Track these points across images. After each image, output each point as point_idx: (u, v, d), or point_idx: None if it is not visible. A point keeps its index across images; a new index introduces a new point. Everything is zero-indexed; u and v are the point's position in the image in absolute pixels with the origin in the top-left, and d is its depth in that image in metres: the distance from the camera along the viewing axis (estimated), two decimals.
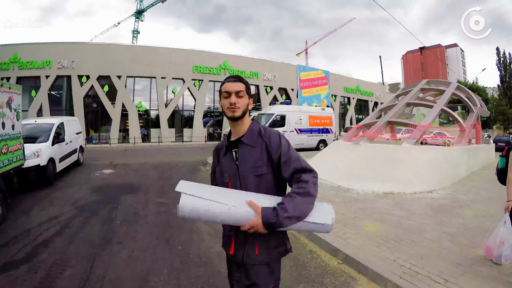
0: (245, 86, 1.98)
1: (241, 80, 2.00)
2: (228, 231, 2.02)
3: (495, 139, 25.83)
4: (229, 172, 1.98)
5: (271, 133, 1.99)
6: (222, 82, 2.00)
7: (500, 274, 3.76)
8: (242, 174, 1.93)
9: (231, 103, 1.90)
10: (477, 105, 13.50)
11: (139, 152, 19.87)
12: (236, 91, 1.92)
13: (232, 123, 2.00)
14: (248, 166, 1.92)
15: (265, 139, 1.96)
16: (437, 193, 8.13)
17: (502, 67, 55.74)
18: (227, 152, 2.03)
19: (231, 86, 1.94)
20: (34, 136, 9.57)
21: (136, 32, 52.89)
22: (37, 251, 4.60)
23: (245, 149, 1.95)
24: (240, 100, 1.93)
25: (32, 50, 26.06)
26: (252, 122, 2.07)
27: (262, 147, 1.94)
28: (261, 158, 1.93)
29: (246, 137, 1.97)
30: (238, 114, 1.92)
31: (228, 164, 2.00)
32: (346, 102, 44.24)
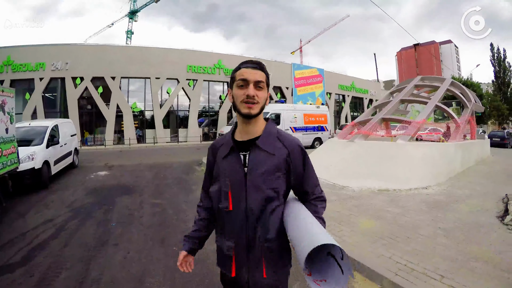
0: (265, 76, 1.63)
1: (262, 67, 1.63)
2: (226, 250, 1.68)
3: (490, 135, 25.91)
4: (232, 179, 1.64)
5: (293, 141, 1.69)
6: (237, 67, 1.64)
7: (496, 269, 3.78)
8: (252, 184, 1.59)
9: (249, 95, 1.55)
10: (472, 100, 13.58)
11: (134, 153, 19.82)
12: (256, 80, 1.57)
13: (244, 121, 1.64)
14: (261, 176, 1.59)
15: (287, 147, 1.65)
16: (432, 189, 8.16)
17: (496, 63, 55.99)
18: (231, 153, 1.67)
19: (250, 73, 1.57)
20: (29, 139, 9.54)
21: (130, 32, 52.68)
22: (33, 254, 4.59)
23: (260, 155, 1.61)
24: (260, 93, 1.58)
25: (25, 52, 25.90)
26: (268, 122, 1.73)
27: (283, 155, 1.63)
28: (279, 168, 1.62)
29: (263, 140, 1.63)
30: (256, 111, 1.57)
31: (231, 169, 1.65)
32: (341, 100, 44.26)
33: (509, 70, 55.33)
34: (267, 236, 1.60)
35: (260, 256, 1.61)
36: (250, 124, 1.64)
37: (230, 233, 1.66)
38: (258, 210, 1.60)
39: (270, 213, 1.61)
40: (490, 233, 5.04)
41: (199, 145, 26.95)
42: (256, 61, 1.63)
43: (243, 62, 1.63)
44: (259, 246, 1.61)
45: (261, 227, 1.60)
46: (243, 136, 1.67)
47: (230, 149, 1.67)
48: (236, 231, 1.64)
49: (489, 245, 4.53)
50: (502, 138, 25.13)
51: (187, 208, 7.02)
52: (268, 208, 1.60)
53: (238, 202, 1.62)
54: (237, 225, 1.63)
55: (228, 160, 1.67)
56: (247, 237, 1.62)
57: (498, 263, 3.94)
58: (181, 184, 9.58)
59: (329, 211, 6.14)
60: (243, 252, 1.63)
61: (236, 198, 1.63)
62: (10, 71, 25.60)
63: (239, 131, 1.70)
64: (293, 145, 1.67)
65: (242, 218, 1.62)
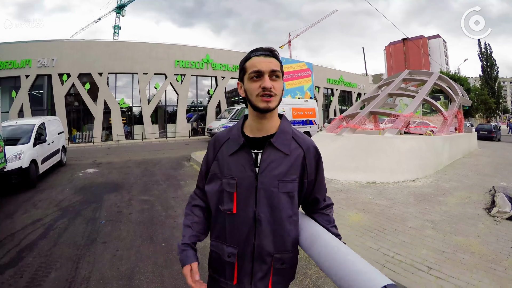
0: (280, 64, 1.45)
1: (275, 55, 1.45)
2: (227, 256, 1.50)
3: (477, 128, 26.25)
4: (240, 180, 1.47)
5: (309, 142, 1.55)
6: (247, 56, 1.47)
7: (482, 260, 3.86)
8: (264, 187, 1.44)
9: (266, 87, 1.37)
10: (459, 94, 13.72)
11: (122, 150, 19.69)
12: (271, 70, 1.39)
13: (258, 116, 1.46)
14: (274, 178, 1.44)
15: (302, 147, 1.51)
16: (420, 181, 8.25)
17: (483, 58, 56.87)
18: (241, 151, 1.49)
19: (263, 62, 1.40)
20: (15, 138, 9.44)
21: (117, 27, 52.24)
22: (22, 255, 4.55)
23: (274, 155, 1.45)
24: (276, 83, 1.41)
25: (10, 49, 25.45)
26: (283, 119, 1.57)
27: (299, 157, 1.49)
28: (294, 170, 1.47)
29: (278, 139, 1.47)
30: (275, 104, 1.41)
31: (239, 168, 1.48)
32: (330, 94, 44.36)
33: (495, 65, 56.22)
34: (282, 247, 1.47)
35: (268, 267, 1.46)
36: (265, 120, 1.47)
37: (233, 239, 1.49)
38: (271, 217, 1.44)
39: (285, 221, 1.46)
40: (477, 225, 5.12)
41: (188, 140, 26.86)
42: (268, 48, 1.45)
43: (253, 50, 1.46)
44: (269, 257, 1.46)
45: (275, 236, 1.46)
46: (255, 132, 1.51)
47: (240, 146, 1.48)
48: (241, 238, 1.47)
49: (476, 237, 4.61)
50: (489, 131, 25.49)
51: (176, 204, 7.02)
52: (282, 216, 1.45)
53: (244, 205, 1.46)
54: (243, 231, 1.46)
55: (237, 157, 1.49)
56: (254, 245, 1.45)
57: (485, 254, 4.01)
58: (169, 180, 9.55)
59: None
60: (248, 261, 1.47)
61: (242, 201, 1.46)
62: None
63: (250, 126, 1.53)
64: (308, 145, 1.53)
65: (249, 224, 1.45)
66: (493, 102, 50.99)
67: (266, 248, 1.45)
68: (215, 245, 1.58)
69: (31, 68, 25.61)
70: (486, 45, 57.30)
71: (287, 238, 1.47)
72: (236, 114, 20.99)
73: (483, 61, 57.17)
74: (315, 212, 1.64)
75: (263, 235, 1.44)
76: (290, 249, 1.49)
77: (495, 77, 56.66)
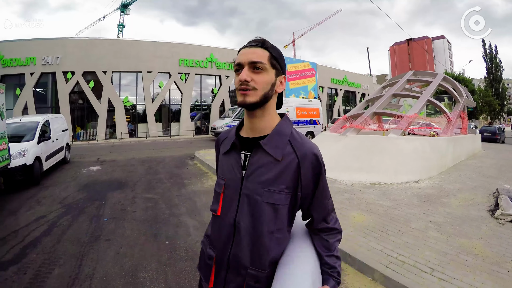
0: (269, 54, 1.29)
1: (263, 44, 1.31)
2: (207, 258, 1.43)
3: (481, 130, 26.18)
4: (228, 181, 1.39)
5: (308, 149, 1.32)
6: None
7: (485, 262, 3.85)
8: (247, 192, 1.31)
9: (241, 80, 1.25)
10: (464, 96, 13.67)
11: (126, 148, 19.71)
12: (250, 61, 1.26)
13: (247, 113, 1.35)
14: (259, 185, 1.29)
15: (298, 155, 1.30)
16: (424, 182, 8.23)
17: (488, 59, 56.69)
18: (232, 151, 1.41)
19: (244, 54, 1.29)
20: (20, 135, 9.47)
21: (121, 26, 52.26)
22: (25, 251, 4.57)
23: (263, 159, 1.30)
24: (257, 76, 1.26)
25: (15, 47, 25.54)
26: (283, 119, 1.41)
27: (291, 164, 1.29)
28: (284, 180, 1.29)
29: (269, 141, 1.31)
30: (252, 99, 1.25)
31: (229, 170, 1.40)
32: (334, 94, 44.29)
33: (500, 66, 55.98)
34: (258, 263, 1.29)
35: (241, 281, 1.30)
36: (254, 118, 1.33)
37: (214, 242, 1.42)
38: (251, 227, 1.30)
39: (265, 236, 1.29)
40: (481, 227, 5.10)
41: (191, 139, 26.86)
42: (255, 38, 1.33)
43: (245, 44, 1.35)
44: (243, 270, 1.30)
45: (252, 250, 1.30)
46: (248, 132, 1.39)
47: (231, 145, 1.40)
48: (220, 243, 1.38)
49: (480, 239, 4.59)
50: (493, 133, 25.41)
51: (179, 202, 7.03)
52: (263, 229, 1.28)
53: (228, 209, 1.36)
54: (223, 236, 1.37)
55: (228, 158, 1.42)
56: (230, 254, 1.33)
57: (488, 256, 4.00)
58: (173, 179, 9.56)
59: None
60: (223, 269, 1.35)
61: (227, 204, 1.37)
62: (0, 66, 25.28)
63: (245, 126, 1.42)
64: (306, 152, 1.31)
65: (229, 230, 1.35)
66: (498, 103, 50.82)
67: (241, 260, 1.30)
68: (204, 242, 1.54)
69: (35, 66, 25.69)
70: (491, 46, 57.11)
71: (265, 255, 1.29)
72: (240, 113, 20.95)
73: (487, 62, 56.94)
74: (314, 234, 1.44)
75: (240, 245, 1.31)
76: (267, 268, 1.29)
77: (499, 78, 56.44)
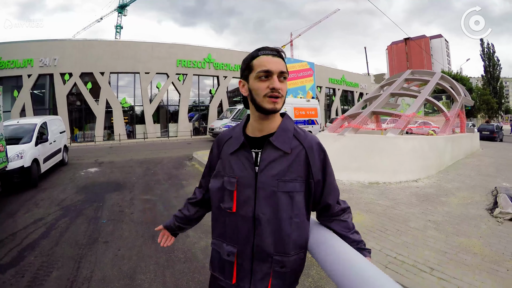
0: (285, 65, 1.43)
1: (282, 56, 1.43)
2: (226, 255, 1.49)
3: (479, 128, 26.18)
4: (241, 179, 1.45)
5: (312, 139, 1.49)
6: (254, 53, 1.42)
7: (484, 261, 3.84)
8: (263, 186, 1.41)
9: (276, 88, 1.34)
10: (461, 94, 13.68)
11: (124, 149, 19.69)
12: (280, 71, 1.36)
13: (261, 117, 1.44)
14: (274, 178, 1.40)
15: (305, 146, 1.45)
16: (422, 181, 8.24)
17: (486, 58, 56.84)
18: (241, 150, 1.48)
19: (273, 63, 1.36)
20: (17, 137, 9.43)
21: (119, 27, 52.27)
22: (23, 254, 4.55)
23: (274, 154, 1.42)
24: (283, 85, 1.39)
25: (12, 49, 25.49)
26: (284, 117, 1.52)
27: (300, 155, 1.43)
28: (295, 169, 1.42)
29: (277, 137, 1.43)
30: (281, 105, 1.39)
31: (240, 168, 1.46)
32: (332, 93, 44.35)
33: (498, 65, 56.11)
34: (281, 249, 1.42)
35: (268, 269, 1.42)
36: (267, 121, 1.44)
37: (232, 237, 1.48)
38: (271, 217, 1.40)
39: (285, 222, 1.41)
40: (480, 226, 5.11)
41: (190, 139, 26.85)
42: (276, 48, 1.41)
43: (260, 49, 1.41)
44: (269, 258, 1.42)
45: (275, 237, 1.41)
46: (256, 133, 1.48)
47: (240, 145, 1.47)
48: (240, 237, 1.45)
49: (479, 238, 4.60)
50: (491, 131, 25.44)
51: (178, 204, 7.00)
52: (282, 216, 1.40)
53: (244, 204, 1.44)
54: (243, 230, 1.44)
55: (237, 156, 1.48)
56: (254, 245, 1.43)
57: (487, 255, 4.00)
58: (171, 180, 9.55)
59: None
60: (248, 261, 1.44)
61: (242, 200, 1.44)
62: None
63: (252, 127, 1.50)
64: (311, 142, 1.47)
65: (249, 223, 1.43)
66: (495, 102, 50.95)
67: (265, 249, 1.41)
68: (215, 243, 1.57)
69: (33, 68, 25.65)
70: (488, 45, 57.22)
71: (287, 240, 1.42)
72: (238, 113, 20.97)
73: (485, 61, 57.07)
74: (331, 220, 1.57)
75: (263, 235, 1.41)
76: (291, 252, 1.43)
77: (497, 77, 56.56)
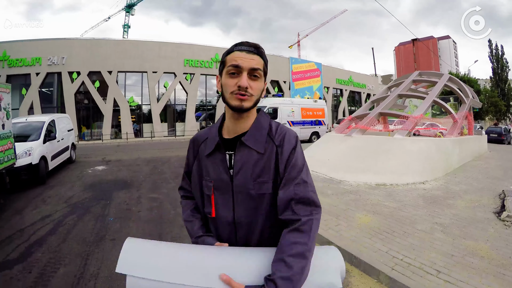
0: (263, 62, 1.34)
1: (260, 52, 1.33)
2: None
3: (487, 130, 25.95)
4: (216, 182, 1.38)
5: (285, 134, 1.38)
6: (230, 49, 1.34)
7: (491, 265, 3.80)
8: (239, 189, 1.33)
9: (242, 86, 1.25)
10: (469, 96, 13.58)
11: (131, 148, 19.79)
12: (251, 68, 1.27)
13: (233, 115, 1.35)
14: (249, 180, 1.31)
15: (276, 143, 1.35)
16: (430, 184, 8.18)
17: (494, 59, 56.16)
18: (216, 152, 1.39)
19: (245, 59, 1.27)
20: (25, 135, 9.52)
21: (126, 26, 52.42)
22: (30, 250, 4.58)
23: (247, 154, 1.33)
24: (255, 83, 1.30)
25: (21, 47, 25.74)
26: (259, 114, 1.44)
27: (272, 153, 1.33)
28: (269, 169, 1.32)
29: (250, 136, 1.34)
30: (249, 104, 1.29)
31: (216, 171, 1.38)
32: (339, 94, 44.28)
33: (506, 67, 55.58)
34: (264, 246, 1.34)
35: None
36: (240, 120, 1.35)
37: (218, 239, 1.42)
38: (252, 220, 1.34)
39: (267, 224, 1.34)
40: (487, 229, 5.06)
41: None
42: (253, 43, 1.33)
43: (237, 44, 1.33)
44: None
45: (257, 240, 1.35)
46: (231, 133, 1.40)
47: (215, 147, 1.38)
48: (223, 240, 1.40)
49: (486, 241, 4.55)
50: (499, 134, 25.21)
51: None
52: (264, 219, 1.33)
53: (223, 209, 1.38)
54: (225, 234, 1.40)
55: (212, 159, 1.40)
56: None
57: (494, 259, 3.96)
58: (178, 179, 9.47)
59: (326, 205, 6.18)
60: None
61: (220, 204, 1.38)
62: (6, 66, 25.45)
63: (226, 127, 1.42)
64: (283, 137, 1.36)
65: (230, 228, 1.38)
66: (504, 104, 50.45)
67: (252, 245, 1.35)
68: None
69: (41, 66, 25.89)
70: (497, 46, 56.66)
71: (271, 241, 1.33)
72: None
73: (493, 63, 56.44)
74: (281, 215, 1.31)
75: (245, 239, 1.36)
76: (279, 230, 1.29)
77: (505, 78, 55.97)
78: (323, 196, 6.96)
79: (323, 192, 7.25)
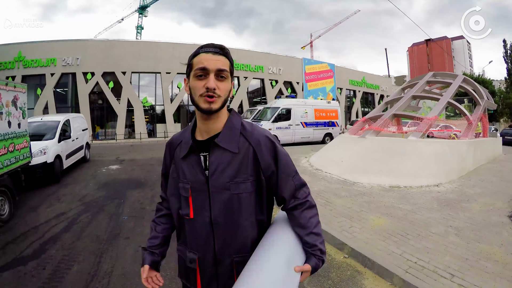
0: (229, 63, 1.36)
1: (225, 52, 1.35)
2: (189, 262, 1.49)
3: (502, 133, 25.53)
4: (193, 184, 1.41)
5: (259, 135, 1.43)
6: (195, 51, 1.36)
7: (505, 269, 3.75)
8: (216, 190, 1.38)
9: (209, 88, 1.28)
10: (484, 97, 13.37)
11: (145, 148, 19.92)
12: (217, 69, 1.30)
13: (203, 117, 1.38)
14: (225, 180, 1.36)
15: (252, 143, 1.40)
16: (444, 186, 8.08)
17: (509, 60, 55.20)
18: (191, 154, 1.43)
19: (210, 60, 1.29)
20: (41, 134, 9.64)
21: (140, 27, 52.96)
22: (45, 247, 4.64)
23: (221, 155, 1.37)
24: (222, 84, 1.32)
25: (36, 48, 26.15)
26: (230, 114, 1.48)
27: (248, 153, 1.39)
28: (245, 169, 1.38)
29: (223, 137, 1.38)
30: (218, 105, 1.32)
31: (192, 173, 1.42)
32: (352, 95, 44.06)
33: None
34: (242, 250, 1.42)
35: (231, 269, 1.42)
36: (210, 121, 1.39)
37: (193, 244, 1.47)
38: (228, 220, 1.39)
39: (244, 223, 1.40)
40: (501, 233, 4.98)
41: None
42: (218, 45, 1.35)
43: (202, 46, 1.35)
44: (229, 259, 1.42)
45: (234, 240, 1.41)
46: (204, 135, 1.43)
47: (189, 149, 1.42)
48: (200, 243, 1.44)
49: (500, 245, 4.48)
50: None
51: None
52: (240, 218, 1.40)
53: (200, 210, 1.41)
54: (202, 236, 1.43)
55: (188, 161, 1.44)
56: (215, 250, 1.42)
57: (508, 263, 3.90)
58: None
59: (340, 207, 6.15)
60: (210, 266, 1.44)
61: (198, 206, 1.41)
62: (21, 67, 25.88)
63: (199, 129, 1.45)
64: (258, 137, 1.41)
65: (207, 229, 1.41)
66: None
67: (227, 252, 1.42)
68: (180, 250, 1.59)
69: (56, 67, 26.26)
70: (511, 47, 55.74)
71: (246, 240, 1.43)
72: (259, 114, 20.98)
73: (508, 63, 55.54)
74: (289, 215, 1.51)
75: (222, 239, 1.41)
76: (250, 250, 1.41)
77: None
78: (337, 197, 6.92)
79: (336, 194, 7.22)
